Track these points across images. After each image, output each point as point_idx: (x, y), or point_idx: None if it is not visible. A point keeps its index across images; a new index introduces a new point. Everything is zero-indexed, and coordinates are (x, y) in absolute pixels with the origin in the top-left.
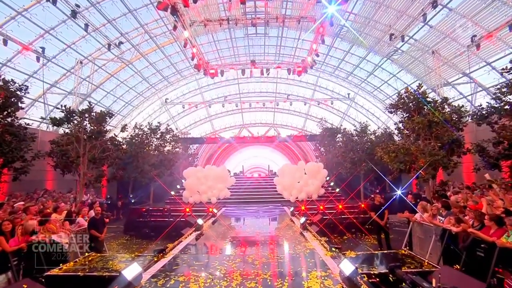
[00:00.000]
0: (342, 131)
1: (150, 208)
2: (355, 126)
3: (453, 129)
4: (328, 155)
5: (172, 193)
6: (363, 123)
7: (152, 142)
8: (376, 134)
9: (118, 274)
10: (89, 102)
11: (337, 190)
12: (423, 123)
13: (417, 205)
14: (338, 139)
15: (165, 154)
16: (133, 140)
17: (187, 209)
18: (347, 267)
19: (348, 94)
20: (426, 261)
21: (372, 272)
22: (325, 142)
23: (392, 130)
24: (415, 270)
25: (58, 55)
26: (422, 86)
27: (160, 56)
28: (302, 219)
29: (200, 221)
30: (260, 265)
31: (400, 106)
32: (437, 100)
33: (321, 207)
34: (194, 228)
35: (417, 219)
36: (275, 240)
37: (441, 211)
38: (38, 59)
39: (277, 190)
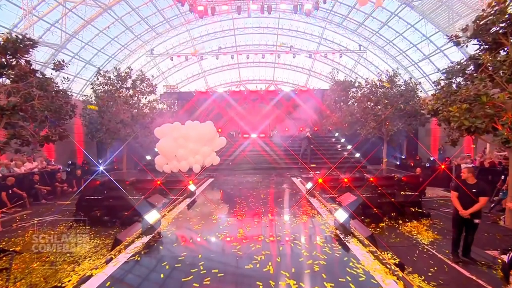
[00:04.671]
0: (357, 84)
1: (111, 179)
2: (379, 76)
3: None
4: (338, 113)
5: (148, 157)
6: (393, 70)
7: (122, 93)
8: (407, 86)
9: None
10: None
11: (357, 155)
12: None
13: None
14: (351, 94)
15: (139, 109)
16: (96, 91)
17: (158, 182)
18: None
19: (360, 46)
20: None
21: None
22: (336, 98)
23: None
24: None
25: None
26: None
27: None
28: (341, 214)
29: (152, 217)
30: None
31: (480, 31)
32: None
33: (346, 180)
34: (140, 228)
35: None
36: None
37: None
38: None
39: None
